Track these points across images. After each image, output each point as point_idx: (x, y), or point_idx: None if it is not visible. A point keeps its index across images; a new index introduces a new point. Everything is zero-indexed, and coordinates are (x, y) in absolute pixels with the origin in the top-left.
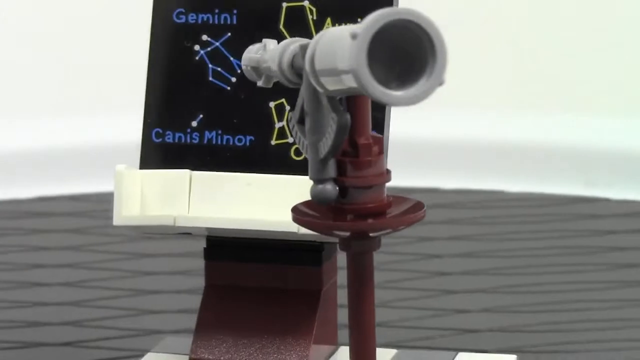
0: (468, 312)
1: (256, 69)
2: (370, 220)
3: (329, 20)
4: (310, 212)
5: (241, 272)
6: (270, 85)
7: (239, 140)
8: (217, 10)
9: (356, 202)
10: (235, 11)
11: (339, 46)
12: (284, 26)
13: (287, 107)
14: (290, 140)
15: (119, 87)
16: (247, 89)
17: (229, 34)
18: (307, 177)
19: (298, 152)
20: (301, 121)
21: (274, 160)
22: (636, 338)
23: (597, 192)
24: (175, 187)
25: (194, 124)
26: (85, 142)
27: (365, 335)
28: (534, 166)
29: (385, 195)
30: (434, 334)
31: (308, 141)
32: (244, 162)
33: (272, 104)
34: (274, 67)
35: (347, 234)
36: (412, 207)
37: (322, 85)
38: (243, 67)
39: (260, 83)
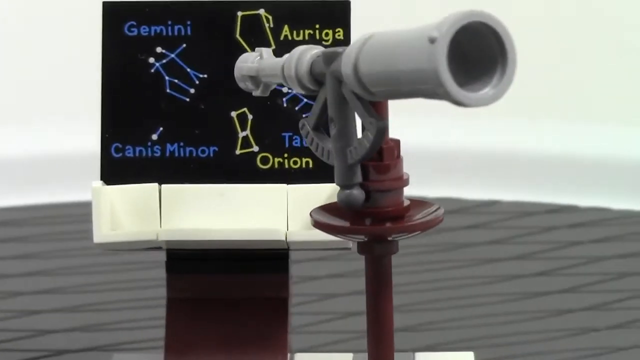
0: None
1: (254, 78)
2: (390, 224)
3: (286, 27)
4: (330, 216)
5: (206, 284)
6: (267, 94)
7: (202, 151)
8: (170, 22)
9: (379, 206)
10: (189, 22)
11: (407, 50)
12: (241, 35)
13: (250, 116)
14: (255, 149)
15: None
16: (206, 99)
17: (184, 45)
18: (278, 185)
19: (264, 161)
20: (316, 128)
21: (240, 170)
22: (539, 330)
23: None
24: (145, 201)
25: (155, 137)
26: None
27: (385, 336)
28: None
29: (403, 198)
30: (342, 337)
31: (333, 147)
32: (210, 174)
33: (233, 114)
34: (289, 73)
35: (366, 238)
36: (431, 210)
37: (366, 89)
38: (237, 77)
39: (257, 92)
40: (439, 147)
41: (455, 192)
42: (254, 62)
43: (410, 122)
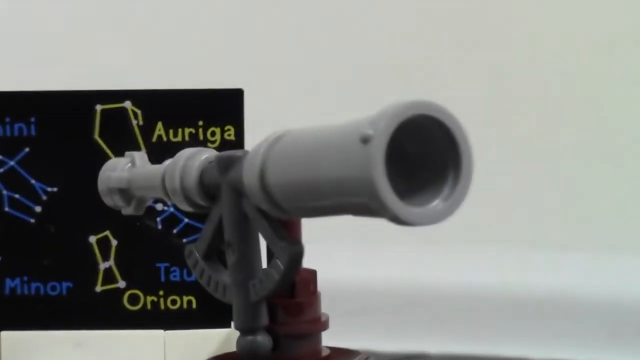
0: None
1: (124, 192)
2: None
3: (160, 125)
4: None
5: None
6: (142, 212)
7: (53, 288)
8: (8, 119)
9: (290, 356)
10: (33, 119)
11: (332, 152)
12: (100, 135)
13: (114, 242)
14: (122, 284)
15: None
16: (57, 220)
17: (27, 149)
18: (152, 332)
19: (133, 300)
20: (208, 256)
21: (103, 312)
22: None
23: None
24: None
25: None
26: None
27: None
28: None
29: (321, 346)
30: None
31: (231, 280)
32: (63, 317)
33: (92, 239)
34: (172, 184)
35: None
36: None
37: (275, 205)
38: (101, 190)
39: (127, 210)
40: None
41: (370, 343)
42: (124, 171)
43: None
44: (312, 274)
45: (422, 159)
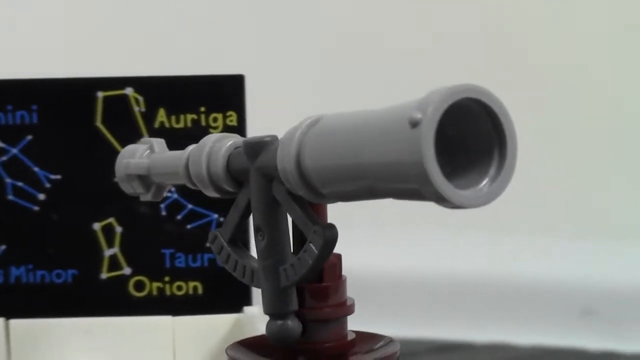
0: None
1: (144, 178)
2: None
3: (162, 111)
4: (252, 355)
5: None
6: (160, 199)
7: (58, 275)
8: (10, 107)
9: (316, 341)
10: (34, 107)
11: (378, 137)
12: (103, 122)
13: (119, 229)
14: (127, 271)
15: None
16: (60, 207)
17: (29, 136)
18: (160, 318)
19: (139, 286)
20: (233, 241)
21: (108, 299)
22: None
23: None
24: None
25: None
26: None
27: None
28: None
29: (347, 330)
30: None
31: (261, 265)
32: (69, 304)
33: (97, 226)
34: (197, 170)
35: None
36: (382, 344)
37: (313, 190)
38: (119, 176)
39: (146, 197)
40: None
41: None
42: (144, 157)
43: None
44: (338, 258)
45: (462, 141)
